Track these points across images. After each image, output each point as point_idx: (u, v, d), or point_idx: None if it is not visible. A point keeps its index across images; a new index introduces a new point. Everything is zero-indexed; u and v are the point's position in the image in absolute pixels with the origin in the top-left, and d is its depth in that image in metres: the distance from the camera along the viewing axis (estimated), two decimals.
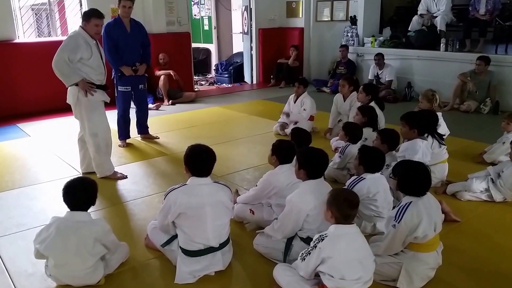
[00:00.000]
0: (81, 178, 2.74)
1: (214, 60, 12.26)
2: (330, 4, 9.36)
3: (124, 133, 5.42)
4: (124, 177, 4.35)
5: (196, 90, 9.30)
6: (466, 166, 4.32)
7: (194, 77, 9.70)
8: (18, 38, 7.32)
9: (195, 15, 12.36)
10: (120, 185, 4.21)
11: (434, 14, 7.92)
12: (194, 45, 10.04)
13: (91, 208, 2.67)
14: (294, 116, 5.71)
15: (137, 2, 5.95)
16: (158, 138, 5.67)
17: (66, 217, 2.56)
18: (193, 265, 2.64)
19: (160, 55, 7.95)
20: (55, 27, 8.33)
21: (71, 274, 2.54)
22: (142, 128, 5.68)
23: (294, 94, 5.87)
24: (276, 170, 3.13)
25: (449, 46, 7.56)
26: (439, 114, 4.28)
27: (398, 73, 8.02)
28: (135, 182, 4.27)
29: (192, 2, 11.59)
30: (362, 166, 3.09)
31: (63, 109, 5.29)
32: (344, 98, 5.54)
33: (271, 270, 2.56)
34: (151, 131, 5.75)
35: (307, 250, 2.35)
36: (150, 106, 6.72)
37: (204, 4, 12.31)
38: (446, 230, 2.92)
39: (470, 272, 2.74)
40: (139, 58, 5.24)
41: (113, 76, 5.21)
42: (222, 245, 2.71)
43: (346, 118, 5.33)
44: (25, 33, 8.11)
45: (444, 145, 3.99)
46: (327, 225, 2.36)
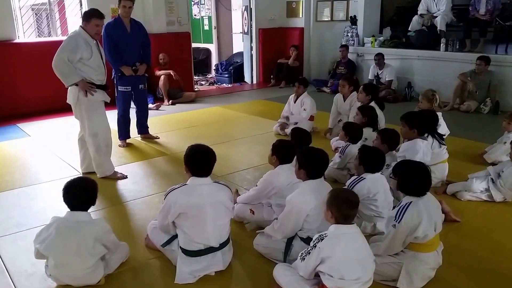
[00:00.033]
0: (81, 178, 2.75)
1: (214, 60, 12.25)
2: (330, 4, 9.35)
3: (124, 133, 5.43)
4: (124, 177, 4.35)
5: (196, 90, 9.30)
6: (466, 166, 4.32)
7: (194, 77, 9.70)
8: (18, 38, 7.31)
9: (195, 15, 12.36)
10: (120, 185, 4.21)
11: (434, 14, 7.91)
12: (194, 45, 10.04)
13: (91, 208, 2.67)
14: (294, 118, 5.70)
15: (137, 2, 5.96)
16: (158, 138, 5.67)
17: (66, 217, 2.56)
18: (193, 265, 2.63)
19: (160, 55, 7.95)
20: (55, 27, 8.33)
21: (71, 274, 2.54)
22: (142, 128, 5.68)
23: (294, 94, 5.87)
24: (276, 170, 3.13)
25: (449, 46, 7.56)
26: (439, 114, 4.28)
27: (398, 73, 8.02)
28: (135, 182, 4.27)
29: (192, 2, 11.59)
30: (362, 166, 3.09)
31: (63, 109, 5.29)
32: (344, 98, 5.54)
33: (271, 270, 2.56)
34: (151, 131, 5.75)
35: (307, 250, 2.35)
36: (150, 106, 6.72)
37: (204, 4, 12.31)
38: (446, 230, 2.91)
39: (470, 272, 2.74)
40: (139, 58, 5.24)
41: (113, 76, 5.21)
42: (222, 245, 2.71)
43: (346, 118, 5.33)
44: (25, 33, 8.11)
45: (444, 145, 3.99)
46: (327, 225, 2.35)
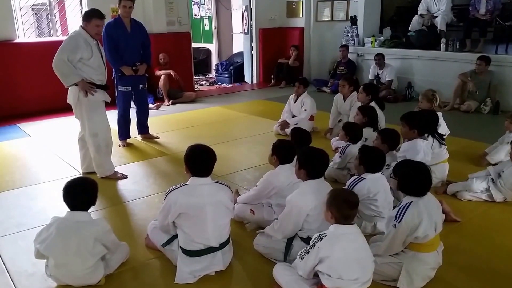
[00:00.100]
0: (81, 178, 2.75)
1: (214, 60, 12.25)
2: (330, 4, 9.35)
3: (124, 133, 5.43)
4: (124, 177, 4.35)
5: (196, 90, 9.30)
6: (467, 166, 4.32)
7: (194, 77, 9.70)
8: (19, 38, 7.31)
9: (196, 15, 12.36)
10: (120, 185, 4.21)
11: (435, 14, 7.91)
12: (194, 45, 10.04)
13: (92, 208, 2.67)
14: (294, 120, 5.68)
15: (137, 2, 5.96)
16: (159, 138, 5.67)
17: (66, 217, 2.56)
18: (193, 265, 2.63)
19: (160, 55, 7.95)
20: (55, 27, 8.32)
21: (72, 274, 2.54)
22: (143, 128, 5.68)
23: (294, 94, 5.87)
24: (276, 170, 3.13)
25: (449, 46, 7.56)
26: (439, 114, 4.28)
27: (398, 73, 8.01)
28: (136, 182, 4.27)
29: (192, 2, 11.59)
30: (363, 166, 3.09)
31: (64, 109, 5.29)
32: (344, 98, 5.54)
33: (271, 270, 2.56)
34: (152, 131, 5.75)
35: (306, 249, 2.35)
36: (150, 106, 6.72)
37: (204, 4, 12.31)
38: (446, 230, 2.91)
39: (470, 272, 2.74)
40: (140, 58, 5.24)
41: (113, 76, 5.21)
42: (223, 245, 2.71)
43: (346, 118, 5.32)
44: (25, 33, 8.09)
45: (444, 145, 3.99)
46: (328, 225, 2.35)
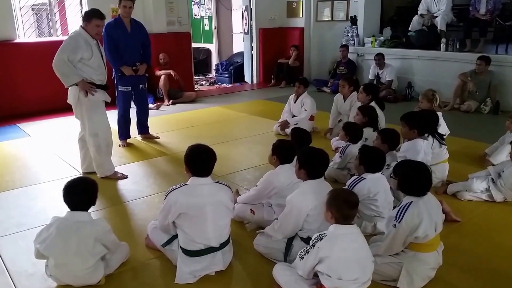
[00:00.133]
0: (81, 178, 2.75)
1: (214, 60, 12.25)
2: (331, 4, 9.35)
3: (124, 133, 5.43)
4: (124, 177, 4.35)
5: (196, 90, 9.30)
6: (467, 166, 4.32)
7: (195, 77, 9.70)
8: (19, 38, 7.31)
9: (196, 15, 12.36)
10: (120, 185, 4.21)
11: (435, 14, 7.91)
12: (194, 45, 10.04)
13: (92, 208, 2.67)
14: (295, 120, 5.68)
15: (137, 2, 5.95)
16: (159, 138, 5.67)
17: (66, 217, 2.56)
18: (193, 265, 2.63)
19: (160, 55, 7.95)
20: (56, 27, 8.32)
21: (72, 274, 2.54)
22: (143, 128, 5.68)
23: (294, 94, 5.87)
24: (276, 170, 3.13)
25: (449, 46, 7.56)
26: (439, 114, 4.28)
27: (398, 73, 8.01)
28: (136, 182, 4.27)
29: (192, 2, 11.59)
30: (363, 166, 3.09)
31: (64, 109, 5.30)
32: (344, 98, 5.54)
33: (272, 270, 2.56)
34: (152, 131, 5.75)
35: (306, 249, 2.35)
36: (150, 106, 6.72)
37: (204, 4, 12.31)
38: (446, 230, 2.91)
39: (470, 272, 2.74)
40: (140, 58, 5.24)
41: (113, 76, 5.21)
42: (223, 245, 2.71)
43: (347, 118, 5.32)
44: (25, 33, 8.09)
45: (444, 145, 3.99)
46: (328, 225, 2.35)
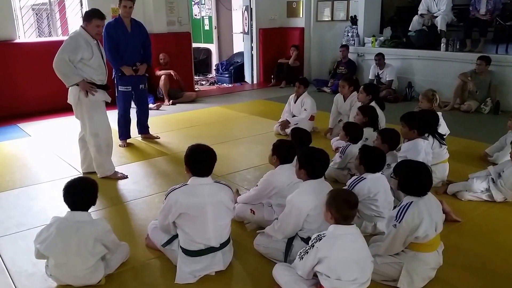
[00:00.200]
0: (81, 178, 2.75)
1: (214, 60, 12.25)
2: (331, 4, 9.35)
3: (124, 133, 5.43)
4: (124, 177, 4.35)
5: (196, 90, 9.30)
6: (467, 166, 4.32)
7: (195, 77, 9.71)
8: (19, 38, 7.31)
9: (196, 15, 12.36)
10: (120, 185, 4.21)
11: (435, 14, 7.91)
12: (194, 45, 10.05)
13: (92, 208, 2.67)
14: (295, 119, 5.68)
15: (137, 2, 5.95)
16: (159, 138, 5.67)
17: (66, 217, 2.56)
18: (193, 265, 2.63)
19: (160, 55, 7.96)
20: (56, 27, 8.32)
21: (72, 274, 2.54)
22: (143, 128, 5.69)
23: (294, 94, 5.87)
24: (276, 170, 3.13)
25: (449, 46, 7.56)
26: (439, 114, 4.27)
27: (398, 73, 8.01)
28: (136, 182, 4.27)
29: (192, 2, 11.59)
30: (363, 166, 3.09)
31: (64, 109, 5.30)
32: (344, 98, 5.54)
33: (272, 270, 2.56)
34: (152, 131, 5.75)
35: (305, 249, 2.35)
36: (150, 106, 6.72)
37: (204, 4, 12.32)
38: (446, 230, 2.91)
39: (471, 272, 2.74)
40: (140, 58, 5.24)
41: (113, 76, 5.21)
42: (223, 245, 2.71)
43: (347, 118, 5.32)
44: (25, 33, 8.09)
45: (444, 145, 3.99)
46: (328, 225, 2.35)
